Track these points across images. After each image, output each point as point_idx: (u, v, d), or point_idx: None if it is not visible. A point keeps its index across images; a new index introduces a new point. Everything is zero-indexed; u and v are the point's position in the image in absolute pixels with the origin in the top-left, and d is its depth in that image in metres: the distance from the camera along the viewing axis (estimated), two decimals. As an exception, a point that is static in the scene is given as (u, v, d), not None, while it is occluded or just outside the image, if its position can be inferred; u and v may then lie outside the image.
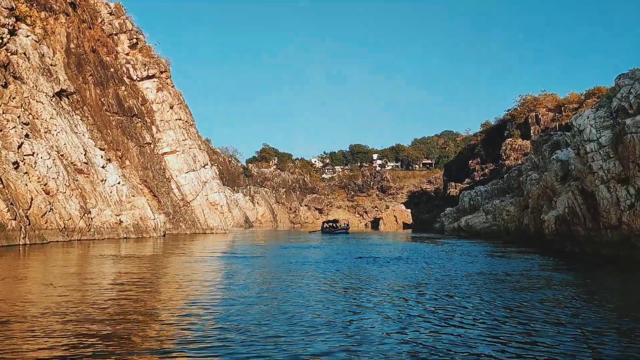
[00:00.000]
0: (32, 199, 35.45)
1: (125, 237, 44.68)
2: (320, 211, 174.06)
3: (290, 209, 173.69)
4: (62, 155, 42.86)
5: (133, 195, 53.60)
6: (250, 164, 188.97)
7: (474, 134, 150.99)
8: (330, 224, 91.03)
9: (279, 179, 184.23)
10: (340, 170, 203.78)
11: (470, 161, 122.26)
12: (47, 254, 28.07)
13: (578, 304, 14.34)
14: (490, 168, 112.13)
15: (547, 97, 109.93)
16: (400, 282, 18.84)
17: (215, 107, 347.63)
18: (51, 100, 45.35)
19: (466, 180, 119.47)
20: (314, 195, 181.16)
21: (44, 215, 35.80)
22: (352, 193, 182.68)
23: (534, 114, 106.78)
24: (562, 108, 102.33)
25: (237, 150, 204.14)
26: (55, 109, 45.00)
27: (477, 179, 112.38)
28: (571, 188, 26.44)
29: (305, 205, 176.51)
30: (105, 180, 48.19)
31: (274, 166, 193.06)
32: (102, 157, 49.50)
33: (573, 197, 25.87)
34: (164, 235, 52.49)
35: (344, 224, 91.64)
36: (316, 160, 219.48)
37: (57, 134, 43.44)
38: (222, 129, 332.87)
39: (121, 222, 45.58)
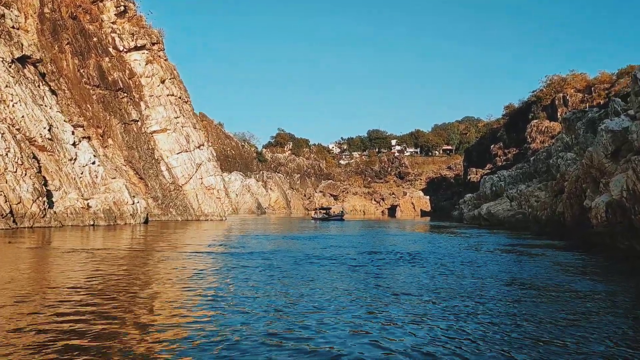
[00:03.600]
0: (-31, 179, 29.69)
1: (92, 225, 38.77)
2: (336, 197, 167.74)
3: (305, 195, 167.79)
4: (17, 129, 37.00)
5: (113, 178, 47.80)
6: (264, 149, 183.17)
7: (496, 119, 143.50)
8: (323, 211, 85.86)
9: (294, 164, 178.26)
10: (358, 156, 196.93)
11: (492, 145, 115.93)
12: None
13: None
14: (514, 152, 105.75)
15: (576, 77, 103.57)
16: (414, 294, 12.62)
17: (232, 92, 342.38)
18: (9, 66, 39.43)
19: (488, 165, 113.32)
20: (330, 181, 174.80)
21: (-17, 198, 30.04)
22: (369, 179, 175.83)
23: (561, 95, 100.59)
24: (592, 88, 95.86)
25: (254, 135, 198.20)
26: (13, 77, 39.09)
27: (500, 164, 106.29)
28: (631, 164, 19.70)
29: (320, 192, 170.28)
30: (75, 159, 42.30)
31: (289, 151, 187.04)
32: (73, 133, 43.59)
33: (635, 176, 19.13)
34: (145, 222, 46.62)
35: (340, 210, 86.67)
36: (334, 146, 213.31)
37: (12, 105, 37.56)
38: (239, 113, 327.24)
39: (89, 207, 39.69)
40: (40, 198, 34.36)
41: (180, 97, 62.46)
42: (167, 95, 60.37)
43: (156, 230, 38.09)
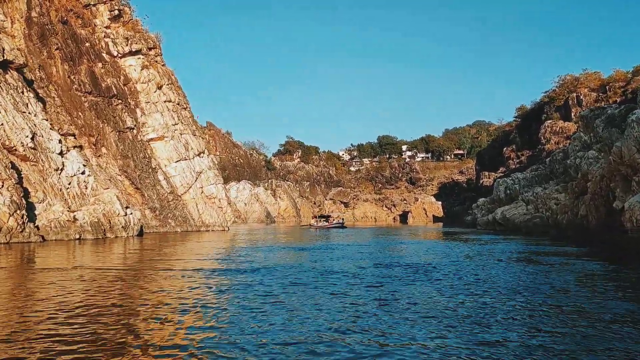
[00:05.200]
0: None
1: (79, 239, 36.18)
2: (346, 205, 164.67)
3: (315, 203, 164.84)
4: (-5, 138, 34.58)
5: (107, 188, 45.29)
6: (273, 158, 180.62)
7: (507, 122, 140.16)
8: (323, 219, 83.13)
9: (303, 172, 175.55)
10: (368, 162, 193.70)
11: (504, 148, 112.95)
12: None
13: None
14: (528, 155, 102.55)
15: (589, 76, 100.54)
16: (432, 318, 10.28)
17: (241, 100, 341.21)
18: (-12, 71, 37.13)
19: (500, 169, 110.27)
20: (340, 188, 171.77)
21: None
22: (380, 185, 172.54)
23: (574, 94, 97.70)
24: (607, 87, 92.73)
25: (264, 144, 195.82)
26: (-8, 82, 36.75)
27: (513, 167, 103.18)
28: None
29: (331, 199, 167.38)
30: (62, 169, 39.80)
31: (298, 159, 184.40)
32: (60, 141, 41.12)
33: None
34: (140, 235, 44.01)
35: (340, 218, 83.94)
36: (344, 153, 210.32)
37: (-10, 112, 35.16)
38: (248, 122, 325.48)
39: (75, 219, 37.12)
40: (18, 211, 31.83)
41: (178, 103, 59.98)
42: (165, 102, 57.90)
43: (149, 244, 35.46)
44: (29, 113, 39.34)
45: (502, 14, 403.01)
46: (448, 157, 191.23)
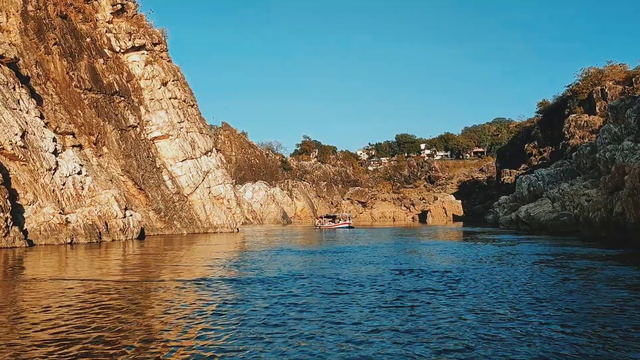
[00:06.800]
0: None
1: (70, 243, 33.74)
2: (364, 204, 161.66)
3: (332, 203, 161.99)
4: (-19, 135, 32.31)
5: (108, 189, 42.96)
6: (290, 158, 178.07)
7: (528, 118, 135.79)
8: (329, 219, 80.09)
9: (320, 171, 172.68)
10: (387, 161, 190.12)
11: (526, 145, 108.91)
12: None
13: None
14: (550, 151, 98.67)
15: (614, 68, 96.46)
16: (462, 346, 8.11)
17: (258, 101, 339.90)
18: (-26, 66, 34.90)
19: (522, 165, 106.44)
20: (357, 188, 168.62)
21: None
22: (398, 185, 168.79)
23: (599, 88, 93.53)
24: (633, 79, 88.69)
25: (281, 144, 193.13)
26: (-22, 77, 34.51)
27: (535, 163, 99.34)
28: None
29: (348, 199, 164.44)
30: (56, 169, 37.46)
31: (315, 159, 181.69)
32: (54, 140, 38.81)
33: None
34: (140, 238, 41.59)
35: (347, 218, 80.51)
36: (361, 153, 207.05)
37: (-25, 109, 32.91)
38: (265, 123, 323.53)
39: (68, 222, 34.71)
40: (1, 214, 29.48)
41: (184, 100, 57.55)
42: (170, 99, 55.50)
43: (146, 248, 32.97)
44: (20, 110, 37.06)
45: (518, 9, 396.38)
46: (467, 155, 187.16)
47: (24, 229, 32.14)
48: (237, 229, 58.18)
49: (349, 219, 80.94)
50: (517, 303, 12.01)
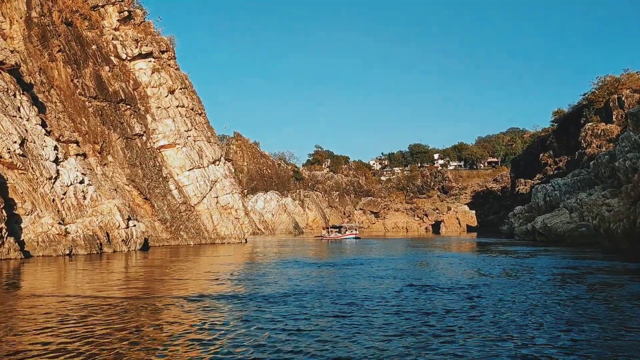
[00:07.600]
0: None
1: (69, 254, 32.55)
2: (377, 215, 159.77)
3: (344, 214, 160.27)
4: (-23, 143, 31.28)
5: (112, 199, 41.85)
6: (302, 168, 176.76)
7: (542, 128, 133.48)
8: (335, 229, 78.21)
9: (332, 181, 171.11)
10: (399, 171, 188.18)
11: (541, 154, 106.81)
12: None
13: None
14: (566, 160, 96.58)
15: (631, 76, 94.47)
16: None
17: (270, 111, 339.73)
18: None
19: (537, 175, 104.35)
20: (370, 198, 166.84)
21: None
22: (411, 195, 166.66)
23: (615, 96, 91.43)
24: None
25: (294, 154, 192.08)
26: (-25, 83, 33.56)
27: (551, 173, 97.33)
28: None
29: (360, 209, 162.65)
30: (57, 178, 36.37)
31: (327, 169, 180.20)
32: (56, 148, 37.76)
33: None
34: (144, 249, 40.36)
35: (354, 229, 78.56)
36: (374, 163, 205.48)
37: (-28, 115, 31.92)
38: (278, 133, 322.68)
39: (67, 233, 33.55)
40: (-4, 224, 28.34)
41: (192, 109, 56.50)
42: (177, 107, 54.46)
43: (149, 259, 31.71)
44: (20, 117, 36.08)
45: (532, 18, 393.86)
46: (481, 165, 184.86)
47: (21, 239, 31.02)
48: (246, 239, 56.81)
49: (356, 230, 79.05)
50: (550, 329, 10.48)
